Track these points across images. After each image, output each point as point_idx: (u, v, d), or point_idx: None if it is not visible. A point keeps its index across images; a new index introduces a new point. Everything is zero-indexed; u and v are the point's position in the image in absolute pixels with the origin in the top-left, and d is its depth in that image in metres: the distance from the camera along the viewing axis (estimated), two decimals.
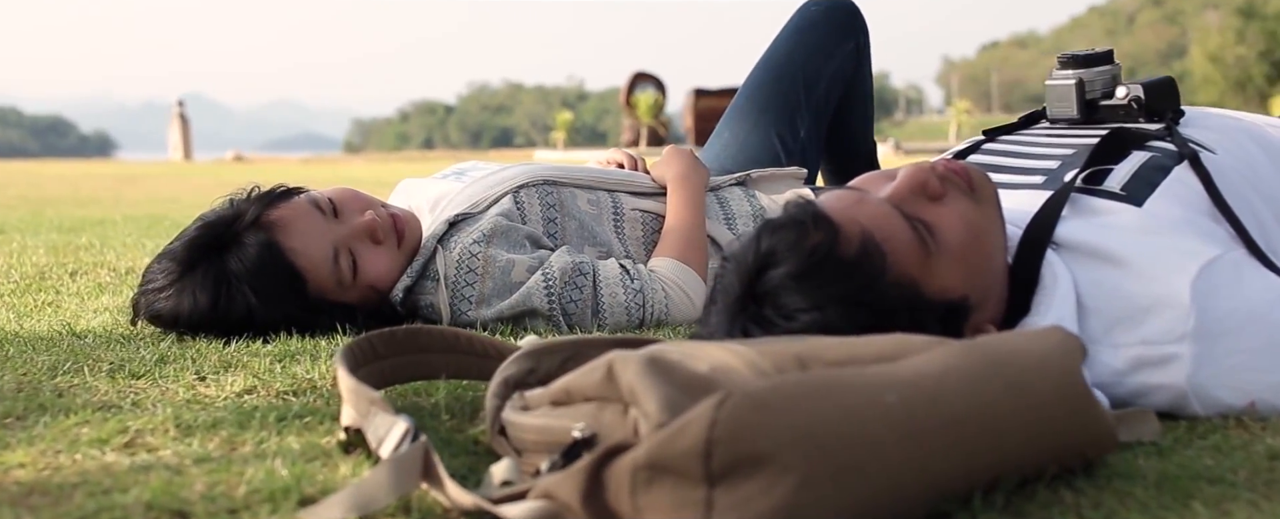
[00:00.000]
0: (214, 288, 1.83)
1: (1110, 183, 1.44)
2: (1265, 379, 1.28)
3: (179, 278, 1.85)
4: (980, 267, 1.30)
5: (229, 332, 1.83)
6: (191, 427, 1.26)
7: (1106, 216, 1.40)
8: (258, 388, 1.47)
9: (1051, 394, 1.06)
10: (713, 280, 1.32)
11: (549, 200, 2.07)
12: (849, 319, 1.19)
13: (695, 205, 2.10)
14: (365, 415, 1.18)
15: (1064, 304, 1.33)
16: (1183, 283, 1.29)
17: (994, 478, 1.03)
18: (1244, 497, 1.03)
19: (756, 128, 2.54)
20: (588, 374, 1.10)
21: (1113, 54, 1.61)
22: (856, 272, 1.21)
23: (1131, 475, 1.08)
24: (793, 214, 1.25)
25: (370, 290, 1.95)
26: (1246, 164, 1.50)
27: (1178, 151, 1.47)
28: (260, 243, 1.84)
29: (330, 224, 1.93)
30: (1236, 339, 1.28)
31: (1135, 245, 1.35)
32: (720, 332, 1.25)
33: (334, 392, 1.44)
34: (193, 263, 1.85)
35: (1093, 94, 1.60)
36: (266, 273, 1.84)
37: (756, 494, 0.93)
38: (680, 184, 2.13)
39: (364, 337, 1.36)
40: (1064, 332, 1.10)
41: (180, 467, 1.11)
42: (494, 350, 1.42)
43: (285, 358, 1.64)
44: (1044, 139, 1.60)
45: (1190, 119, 1.57)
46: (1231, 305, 1.29)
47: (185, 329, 1.86)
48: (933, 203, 1.29)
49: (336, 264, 1.90)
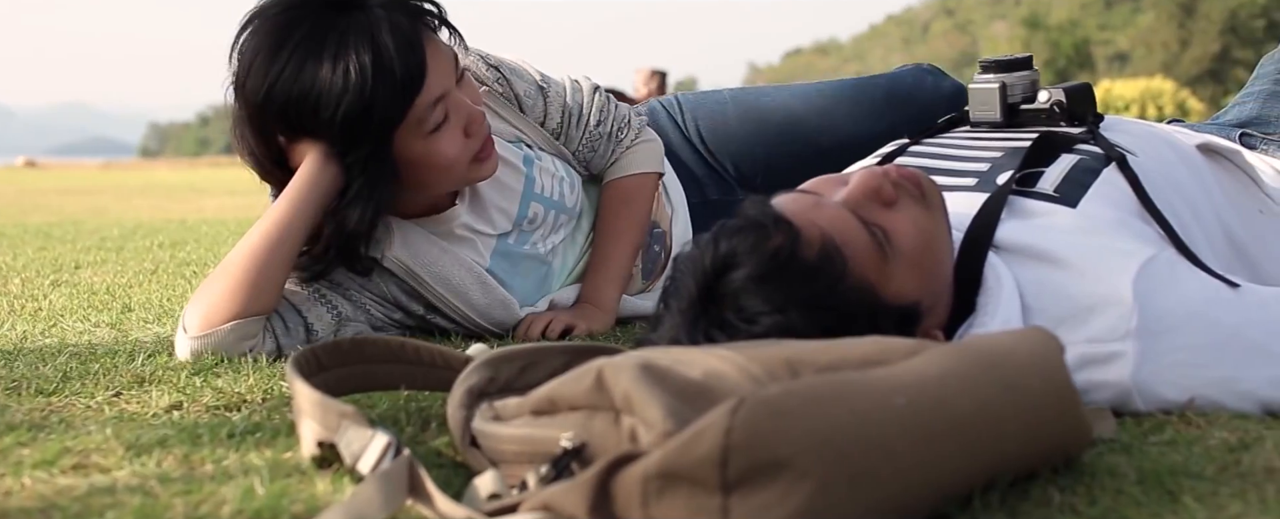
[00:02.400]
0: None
1: (1043, 185, 1.48)
2: (1204, 375, 1.33)
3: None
4: (932, 272, 1.31)
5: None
6: (138, 446, 1.19)
7: (1043, 218, 1.43)
8: (184, 403, 1.40)
9: (1044, 393, 1.07)
10: (664, 284, 1.30)
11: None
12: (812, 322, 1.19)
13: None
14: (335, 429, 1.13)
15: (1010, 305, 1.35)
16: (1124, 282, 1.33)
17: (991, 478, 1.04)
18: (1224, 490, 1.05)
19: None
20: (574, 382, 1.08)
21: (1032, 60, 1.65)
22: (818, 275, 1.21)
23: (1112, 473, 1.10)
24: (751, 216, 1.24)
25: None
26: (1164, 167, 1.56)
27: (1105, 154, 1.51)
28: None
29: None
30: (1177, 336, 1.32)
31: (1075, 246, 1.38)
32: (681, 336, 1.23)
33: (272, 404, 1.38)
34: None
35: (1014, 98, 1.64)
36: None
37: (773, 501, 0.92)
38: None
39: (308, 348, 1.31)
40: (1045, 331, 1.12)
41: (147, 488, 1.06)
42: (441, 360, 1.38)
43: (202, 371, 1.57)
44: (970, 142, 1.63)
45: (1109, 124, 1.62)
46: (1170, 304, 1.33)
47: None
48: (886, 208, 1.30)
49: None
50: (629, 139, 2.09)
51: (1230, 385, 1.32)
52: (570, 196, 2.04)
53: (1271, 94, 1.86)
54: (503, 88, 1.99)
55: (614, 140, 2.08)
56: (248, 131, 1.75)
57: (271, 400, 1.42)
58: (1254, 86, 1.90)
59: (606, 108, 2.09)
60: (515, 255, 2.00)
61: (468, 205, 1.93)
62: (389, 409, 1.36)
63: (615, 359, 1.06)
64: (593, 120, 2.07)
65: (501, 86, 1.99)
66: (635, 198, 2.08)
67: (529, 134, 2.02)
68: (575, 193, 2.06)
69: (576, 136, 2.06)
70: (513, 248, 2.00)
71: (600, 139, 2.07)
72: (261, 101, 1.68)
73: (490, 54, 2.00)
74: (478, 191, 1.93)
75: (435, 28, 1.77)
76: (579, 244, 2.10)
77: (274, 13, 1.70)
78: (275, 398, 1.43)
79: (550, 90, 2.05)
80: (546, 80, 2.05)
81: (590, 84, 2.11)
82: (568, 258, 2.08)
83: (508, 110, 2.00)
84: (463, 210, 1.92)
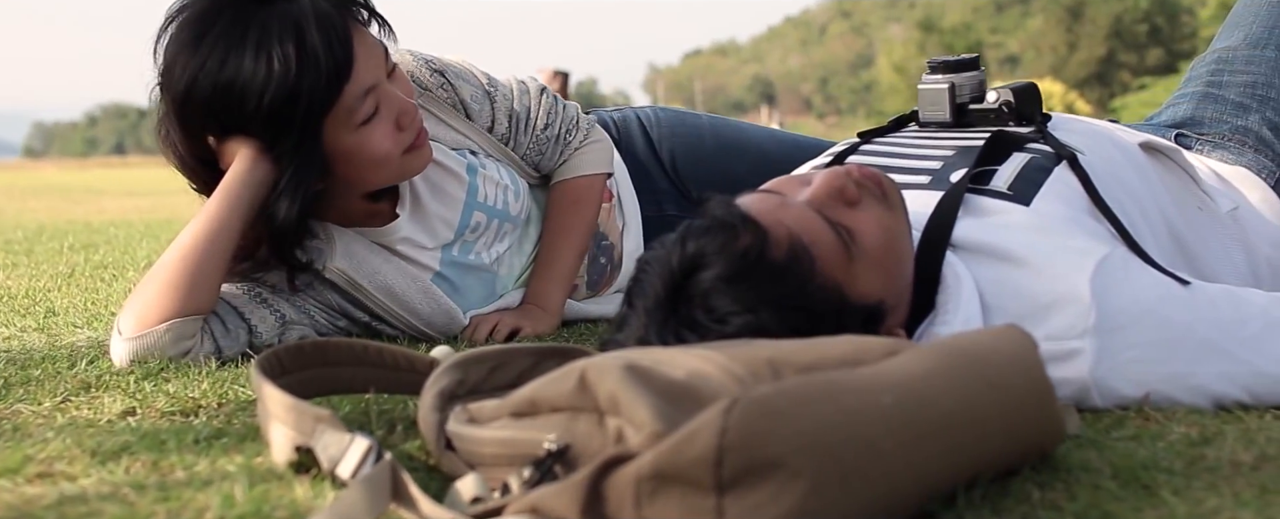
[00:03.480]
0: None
1: (996, 183, 1.50)
2: (1159, 370, 1.36)
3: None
4: (895, 271, 1.32)
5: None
6: (102, 453, 1.16)
7: (998, 216, 1.45)
8: (138, 409, 1.37)
9: (1025, 390, 1.08)
10: (629, 285, 1.29)
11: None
12: (782, 322, 1.19)
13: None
14: (311, 434, 1.11)
15: (970, 303, 1.37)
16: (1082, 280, 1.35)
17: (975, 475, 1.05)
18: (1196, 484, 1.07)
19: None
20: (555, 384, 1.07)
21: (979, 60, 1.68)
22: (787, 274, 1.21)
23: (1086, 468, 1.12)
24: (718, 216, 1.24)
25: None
26: (1111, 165, 1.59)
27: (1055, 153, 1.54)
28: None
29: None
30: (1132, 333, 1.35)
31: (1031, 244, 1.40)
32: (650, 336, 1.23)
33: (230, 409, 1.35)
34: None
35: (962, 98, 1.66)
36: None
37: (767, 500, 0.92)
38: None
39: (269, 351, 1.29)
40: (1021, 329, 1.14)
41: (120, 496, 1.03)
42: (405, 362, 1.36)
43: (150, 376, 1.54)
44: (920, 141, 1.65)
45: (1057, 123, 1.65)
46: (1126, 301, 1.36)
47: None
48: (850, 208, 1.31)
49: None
50: (577, 141, 2.08)
51: (1183, 381, 1.35)
52: (515, 205, 2.02)
53: (1204, 96, 1.90)
54: (447, 93, 1.97)
55: (562, 143, 2.07)
56: (174, 129, 1.71)
57: (228, 405, 1.39)
58: (1187, 89, 1.94)
59: (554, 109, 2.07)
60: (460, 266, 1.98)
61: (409, 214, 1.90)
62: (352, 413, 1.34)
63: (598, 360, 1.05)
64: (540, 124, 2.05)
65: (446, 92, 1.97)
66: (583, 199, 2.07)
67: (475, 140, 2.00)
68: (521, 201, 2.04)
69: (524, 141, 2.04)
70: (457, 258, 1.98)
71: (548, 142, 2.06)
72: (185, 96, 1.65)
73: (435, 58, 1.97)
74: (420, 201, 1.91)
75: (364, 20, 1.75)
76: (526, 252, 2.08)
77: (195, 6, 1.68)
78: (232, 403, 1.40)
79: (497, 95, 2.02)
80: (493, 84, 2.03)
81: (537, 85, 2.09)
82: (514, 266, 2.06)
83: (453, 117, 1.98)
84: (405, 221, 1.90)
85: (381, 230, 1.88)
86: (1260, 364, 1.36)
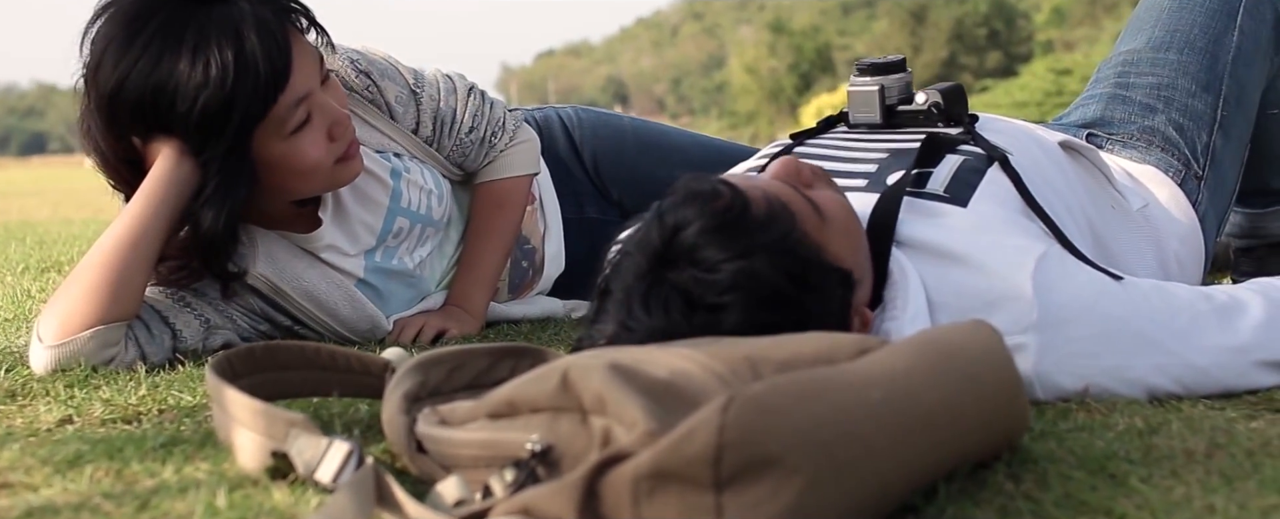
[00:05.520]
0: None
1: (933, 185, 1.52)
2: (1098, 364, 1.40)
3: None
4: (857, 244, 1.35)
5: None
6: (55, 463, 1.13)
7: (939, 217, 1.48)
8: (75, 417, 1.32)
9: (996, 384, 1.11)
10: (602, 275, 1.27)
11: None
12: (777, 266, 1.18)
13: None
14: (284, 438, 1.09)
15: (917, 298, 1.40)
16: (1024, 277, 1.39)
17: (953, 468, 1.08)
18: (1158, 473, 1.10)
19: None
20: (535, 384, 1.06)
21: (906, 62, 1.71)
22: (771, 224, 1.21)
23: (1051, 459, 1.14)
24: (692, 188, 1.22)
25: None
26: (1037, 165, 1.63)
27: (987, 154, 1.58)
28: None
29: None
30: (1073, 328, 1.39)
31: (973, 243, 1.43)
32: (636, 308, 1.19)
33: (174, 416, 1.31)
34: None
35: (891, 100, 1.68)
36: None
37: (765, 497, 0.93)
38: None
39: (221, 355, 1.26)
40: (987, 324, 1.16)
41: (93, 506, 1.00)
42: (358, 365, 1.34)
43: (78, 384, 1.48)
44: (852, 143, 1.67)
45: (983, 123, 1.69)
46: (1066, 297, 1.40)
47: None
48: (806, 188, 1.33)
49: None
50: (502, 143, 2.06)
51: (1120, 373, 1.40)
52: (438, 209, 2.00)
53: (1113, 97, 1.97)
54: (372, 94, 1.93)
55: (487, 145, 2.04)
56: (96, 126, 1.66)
57: (171, 412, 1.35)
58: (1095, 89, 2.01)
59: (480, 111, 2.04)
60: (384, 272, 1.95)
61: (332, 219, 1.87)
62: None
63: (579, 360, 1.05)
64: (465, 127, 2.02)
65: (371, 93, 1.93)
66: (508, 201, 2.05)
67: (399, 141, 1.96)
68: (443, 205, 2.01)
69: (448, 144, 2.02)
70: (381, 264, 1.95)
71: (472, 145, 2.03)
72: (113, 94, 1.60)
73: (360, 55, 1.93)
74: (343, 206, 1.88)
75: (303, 27, 1.71)
76: (448, 255, 2.06)
77: (131, 1, 1.61)
78: (174, 409, 1.36)
79: (423, 95, 1.99)
80: (419, 83, 2.00)
81: (465, 83, 2.06)
82: (436, 269, 2.04)
83: (377, 117, 1.95)
84: (328, 227, 1.86)
85: (306, 237, 1.84)
86: (1190, 356, 1.41)
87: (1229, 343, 1.42)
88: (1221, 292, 1.48)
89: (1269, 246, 2.23)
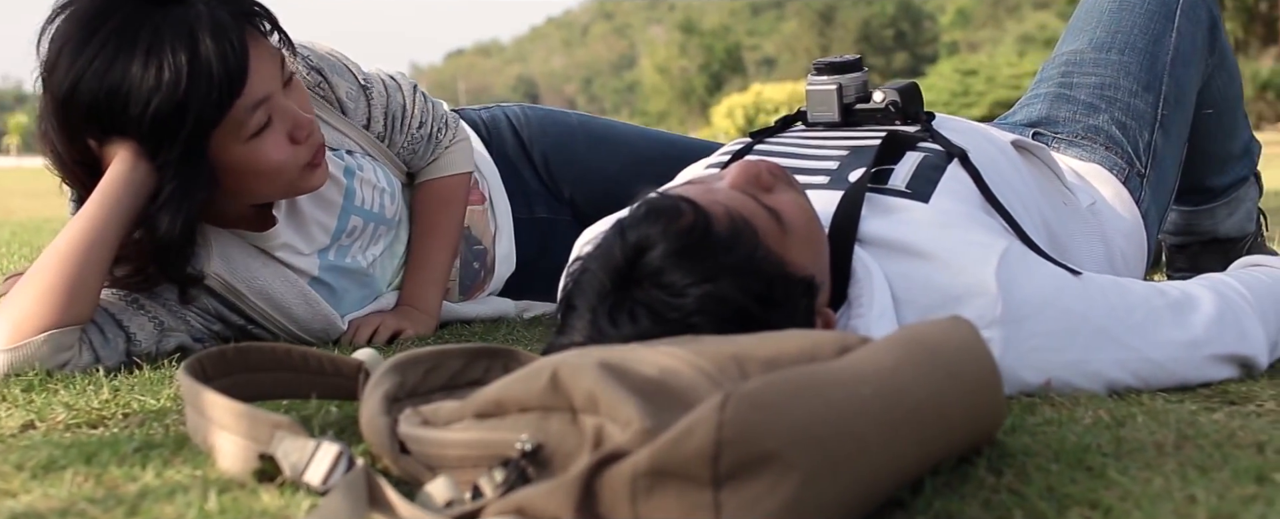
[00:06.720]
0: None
1: (894, 182, 1.54)
2: (1059, 358, 1.42)
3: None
4: (818, 250, 1.36)
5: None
6: (31, 468, 1.11)
7: (901, 214, 1.50)
8: (36, 422, 1.29)
9: (977, 378, 1.12)
10: (564, 289, 1.27)
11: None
12: (742, 289, 1.19)
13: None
14: (268, 441, 1.08)
15: (882, 294, 1.41)
16: (988, 272, 1.41)
17: (938, 462, 1.09)
18: (1133, 465, 1.12)
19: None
20: (523, 383, 1.06)
21: (862, 61, 1.72)
22: (735, 245, 1.21)
23: (1027, 453, 1.16)
24: (653, 204, 1.23)
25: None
26: (993, 162, 1.65)
27: (946, 151, 1.60)
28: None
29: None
30: (1034, 323, 1.41)
31: (936, 239, 1.45)
32: (603, 324, 1.19)
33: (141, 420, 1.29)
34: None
35: (849, 98, 1.70)
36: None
37: (763, 493, 0.93)
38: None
39: (192, 358, 1.24)
40: (965, 320, 1.18)
41: (79, 511, 0.98)
42: (330, 366, 1.33)
43: (34, 388, 1.45)
44: (812, 141, 1.68)
45: (939, 122, 1.71)
46: (1029, 292, 1.42)
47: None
48: (767, 193, 1.34)
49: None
50: (447, 140, 2.05)
51: (1081, 367, 1.43)
52: (390, 207, 1.98)
53: (1057, 96, 2.01)
54: (324, 91, 1.92)
55: (434, 141, 2.04)
56: (53, 127, 1.63)
57: (136, 416, 1.33)
58: (1039, 89, 2.05)
59: (426, 108, 2.05)
60: (338, 270, 1.94)
61: (286, 218, 1.85)
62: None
63: (569, 359, 1.05)
64: (416, 123, 2.02)
65: (323, 90, 1.92)
66: (452, 199, 2.04)
67: (352, 137, 1.95)
68: (396, 203, 2.00)
69: (399, 140, 2.01)
70: (335, 262, 1.93)
71: (422, 141, 2.03)
72: (67, 96, 1.57)
73: (310, 52, 1.92)
74: (297, 205, 1.86)
75: (265, 30, 1.68)
76: (398, 254, 2.05)
77: (87, 1, 1.58)
78: (139, 413, 1.34)
79: (372, 91, 1.98)
80: (367, 80, 1.99)
81: (409, 83, 2.06)
82: (387, 268, 2.02)
83: (330, 114, 1.93)
84: (283, 226, 1.84)
85: (260, 236, 1.82)
86: (1147, 350, 1.44)
87: (1183, 337, 1.46)
88: (1173, 287, 1.52)
89: (1202, 244, 2.29)
